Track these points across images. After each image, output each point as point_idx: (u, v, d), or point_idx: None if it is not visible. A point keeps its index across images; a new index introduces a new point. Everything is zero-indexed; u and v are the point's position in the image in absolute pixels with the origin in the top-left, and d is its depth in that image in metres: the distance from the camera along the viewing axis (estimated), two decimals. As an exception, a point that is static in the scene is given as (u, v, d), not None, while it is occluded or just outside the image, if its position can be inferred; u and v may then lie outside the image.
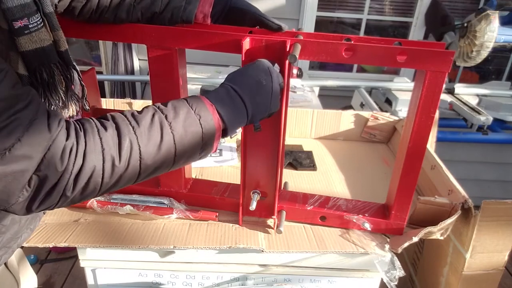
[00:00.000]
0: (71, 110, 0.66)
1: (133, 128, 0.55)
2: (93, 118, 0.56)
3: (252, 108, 0.64)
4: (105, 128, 0.53)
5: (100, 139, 0.52)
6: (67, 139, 0.50)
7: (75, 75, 0.66)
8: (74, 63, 0.65)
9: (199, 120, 0.59)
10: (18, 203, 0.50)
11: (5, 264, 0.78)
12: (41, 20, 0.57)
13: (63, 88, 0.63)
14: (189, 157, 0.60)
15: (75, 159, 0.50)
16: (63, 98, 0.62)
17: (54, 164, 0.49)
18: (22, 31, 0.55)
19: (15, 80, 0.49)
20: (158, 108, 0.58)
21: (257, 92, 0.64)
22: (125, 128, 0.54)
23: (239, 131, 0.77)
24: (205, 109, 0.60)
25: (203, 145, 0.60)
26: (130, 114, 0.57)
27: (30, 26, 0.55)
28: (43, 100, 0.60)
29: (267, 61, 0.68)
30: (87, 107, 0.71)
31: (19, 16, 0.53)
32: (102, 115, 0.57)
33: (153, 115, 0.57)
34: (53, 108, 0.61)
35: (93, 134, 0.52)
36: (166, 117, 0.57)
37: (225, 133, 0.64)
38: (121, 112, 0.57)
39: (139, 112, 0.57)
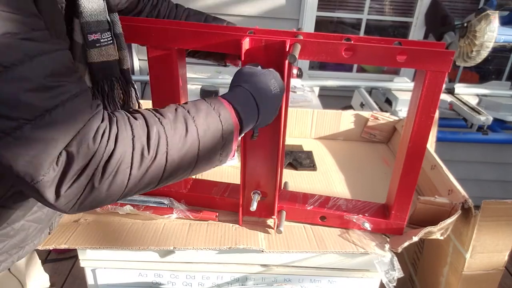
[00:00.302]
0: None
1: (159, 119, 0.55)
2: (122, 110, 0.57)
3: (262, 113, 0.65)
4: (135, 118, 0.54)
5: (131, 126, 0.52)
6: (102, 121, 0.50)
7: (133, 93, 0.73)
8: (133, 82, 0.73)
9: (219, 116, 0.59)
10: (45, 182, 0.47)
11: (9, 269, 0.78)
12: (111, 38, 0.66)
13: (121, 101, 0.70)
14: (210, 157, 0.60)
15: (107, 142, 0.49)
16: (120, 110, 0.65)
17: (86, 143, 0.48)
18: (94, 44, 0.63)
19: (72, 59, 0.52)
20: (179, 105, 0.59)
21: (268, 99, 0.66)
22: (151, 119, 0.54)
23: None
24: (223, 107, 0.60)
25: (224, 144, 0.60)
26: (153, 109, 0.57)
27: (101, 40, 0.64)
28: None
29: (275, 71, 0.70)
30: None
31: (94, 30, 0.63)
32: (130, 109, 0.59)
33: (176, 109, 0.57)
34: None
35: (124, 121, 0.52)
36: (188, 111, 0.58)
37: (240, 133, 0.64)
38: (143, 109, 0.58)
39: (161, 108, 0.58)
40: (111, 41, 0.66)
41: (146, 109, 0.57)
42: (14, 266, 0.80)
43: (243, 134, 0.66)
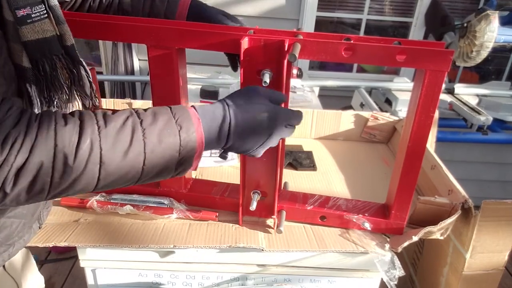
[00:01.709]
0: (76, 107, 0.65)
1: (98, 128, 0.50)
2: (58, 111, 0.52)
3: (233, 144, 0.61)
4: (66, 123, 0.49)
5: (55, 134, 0.48)
6: (14, 126, 0.47)
7: (82, 72, 0.64)
8: (82, 60, 0.64)
9: (178, 131, 0.54)
10: None
11: (4, 267, 0.78)
12: (45, 12, 0.57)
13: (67, 82, 0.62)
14: (161, 171, 0.55)
15: (18, 151, 0.46)
16: (67, 93, 0.62)
17: None
18: (24, 20, 0.55)
19: None
20: (136, 112, 0.54)
21: (247, 138, 0.61)
22: (89, 128, 0.50)
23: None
24: (188, 120, 0.56)
25: (180, 160, 0.56)
26: (102, 114, 0.53)
27: (33, 15, 0.55)
28: (45, 94, 0.59)
29: (284, 116, 0.63)
30: (97, 104, 0.69)
31: (22, 5, 0.54)
32: (72, 111, 0.54)
33: (127, 118, 0.53)
34: (56, 102, 0.61)
35: (49, 127, 0.48)
36: (141, 122, 0.53)
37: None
38: (95, 110, 0.54)
39: (113, 113, 0.54)
40: (46, 15, 0.57)
41: (95, 110, 0.54)
42: (10, 265, 0.80)
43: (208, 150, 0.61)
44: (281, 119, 0.63)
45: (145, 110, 0.55)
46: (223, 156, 0.66)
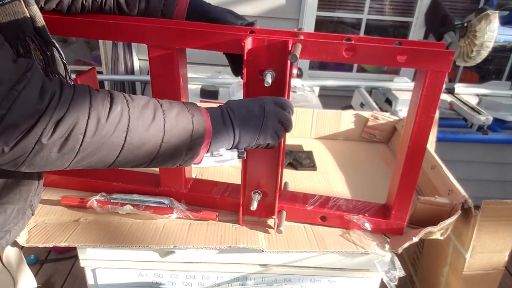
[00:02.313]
0: None
1: (127, 101, 0.55)
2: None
3: (240, 132, 0.65)
4: (98, 91, 0.53)
5: (90, 97, 0.52)
6: (49, 81, 0.50)
7: (56, 53, 0.65)
8: (54, 41, 0.65)
9: (191, 118, 0.60)
10: None
11: (2, 262, 0.78)
12: None
13: (42, 64, 0.62)
14: (174, 153, 0.60)
15: (57, 103, 0.49)
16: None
17: (31, 99, 0.48)
18: None
19: None
20: (155, 98, 0.60)
21: (248, 120, 0.66)
22: (119, 98, 0.55)
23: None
24: (198, 111, 0.62)
25: (191, 145, 0.61)
26: (127, 94, 0.58)
27: None
28: None
29: (269, 98, 0.70)
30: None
31: None
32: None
33: (149, 100, 0.58)
34: None
35: (84, 91, 0.52)
36: (161, 105, 0.59)
37: (209, 146, 0.65)
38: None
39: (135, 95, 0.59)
40: None
41: (118, 92, 0.58)
42: (8, 261, 0.80)
43: (217, 149, 0.66)
44: (268, 99, 0.69)
45: (161, 99, 0.61)
46: (241, 155, 0.68)
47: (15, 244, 0.84)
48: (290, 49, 0.69)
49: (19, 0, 0.58)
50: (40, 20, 0.62)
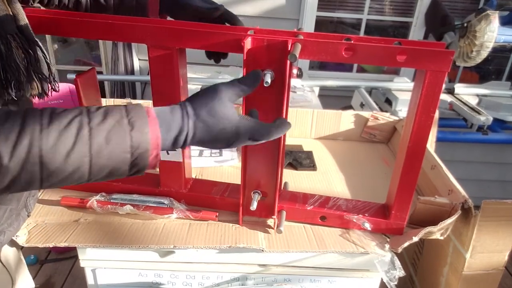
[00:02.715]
0: (36, 88, 0.63)
1: (41, 126, 0.47)
2: (3, 108, 0.51)
3: (192, 144, 0.57)
4: (6, 120, 0.47)
5: None
6: None
7: (39, 52, 0.63)
8: (37, 40, 0.63)
9: (130, 131, 0.50)
10: None
11: (1, 261, 0.78)
12: None
13: (24, 63, 0.60)
14: (112, 171, 0.52)
15: None
16: (24, 74, 0.60)
17: None
18: None
19: None
20: (88, 111, 0.51)
21: (208, 141, 0.58)
22: (30, 126, 0.47)
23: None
24: (143, 119, 0.51)
25: (133, 161, 0.52)
26: (50, 111, 0.49)
27: None
28: (2, 75, 0.58)
29: (246, 130, 0.59)
30: (57, 89, 0.67)
31: None
32: (19, 109, 0.50)
33: (74, 117, 0.49)
34: (13, 83, 0.59)
35: None
36: (89, 121, 0.49)
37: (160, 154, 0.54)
38: (44, 108, 0.50)
39: (63, 111, 0.50)
40: None
41: (44, 108, 0.50)
42: (6, 261, 0.80)
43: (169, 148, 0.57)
44: (244, 136, 0.59)
45: (98, 108, 0.51)
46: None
47: (14, 244, 0.84)
48: (289, 49, 0.69)
49: None
50: (23, 18, 0.60)
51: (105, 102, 1.27)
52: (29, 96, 0.63)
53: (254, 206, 0.83)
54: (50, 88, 0.66)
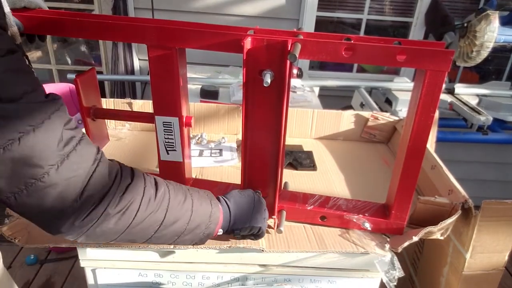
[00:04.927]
0: None
1: (166, 184, 0.67)
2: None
3: (235, 215, 0.77)
4: (147, 174, 0.65)
5: (144, 179, 0.63)
6: (111, 162, 0.60)
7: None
8: (27, 54, 0.70)
9: (210, 200, 0.72)
10: (68, 213, 0.53)
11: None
12: None
13: None
14: (195, 231, 0.70)
15: (120, 179, 0.58)
16: None
17: (103, 177, 0.56)
18: None
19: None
20: (188, 189, 0.71)
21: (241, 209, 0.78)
22: (161, 181, 0.66)
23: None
24: (212, 195, 0.75)
25: (208, 224, 0.71)
26: (160, 177, 0.68)
27: None
28: None
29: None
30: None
31: None
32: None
33: (179, 184, 0.70)
34: None
35: (139, 173, 0.63)
36: (188, 189, 0.71)
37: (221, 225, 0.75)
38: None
39: (178, 187, 0.70)
40: None
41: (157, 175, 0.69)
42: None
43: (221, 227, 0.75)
44: (255, 193, 0.83)
45: (192, 188, 0.74)
46: (235, 234, 0.78)
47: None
48: (289, 49, 0.69)
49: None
50: (17, 38, 0.68)
51: (105, 102, 1.27)
52: None
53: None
54: None
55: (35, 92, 0.51)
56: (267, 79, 0.69)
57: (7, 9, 0.63)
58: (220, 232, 0.75)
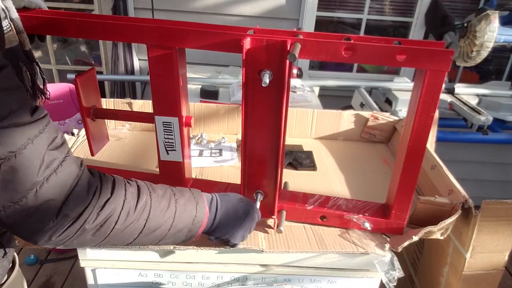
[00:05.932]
0: (38, 101, 0.73)
1: (150, 192, 0.66)
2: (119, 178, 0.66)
3: (220, 221, 0.76)
4: (130, 184, 0.65)
5: (125, 190, 0.62)
6: (91, 177, 0.59)
7: (38, 70, 0.73)
8: (37, 60, 0.72)
9: (196, 205, 0.72)
10: (45, 230, 0.54)
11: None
12: (9, 24, 0.64)
13: (30, 83, 0.69)
14: (177, 234, 0.70)
15: (99, 195, 0.58)
16: (31, 91, 0.70)
17: (81, 196, 0.56)
18: None
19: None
20: (171, 188, 0.72)
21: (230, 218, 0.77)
22: (144, 190, 0.66)
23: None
24: (201, 198, 0.74)
25: (191, 228, 0.71)
26: (149, 183, 0.69)
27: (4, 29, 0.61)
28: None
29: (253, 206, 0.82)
30: (48, 96, 0.77)
31: None
32: (131, 179, 0.67)
33: (166, 189, 0.70)
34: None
35: (120, 185, 0.63)
36: (174, 194, 0.70)
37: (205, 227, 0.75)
38: (141, 181, 0.69)
39: (155, 184, 0.70)
40: (9, 28, 0.64)
41: (143, 181, 0.68)
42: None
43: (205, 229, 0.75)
44: (254, 209, 0.81)
45: (176, 188, 0.73)
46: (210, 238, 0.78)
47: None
48: (289, 48, 0.69)
49: (12, 30, 0.65)
50: (27, 44, 0.69)
51: (105, 102, 1.27)
52: None
53: (257, 206, 0.83)
54: (44, 99, 0.76)
55: (20, 110, 0.50)
56: (266, 79, 0.69)
57: (15, 14, 0.65)
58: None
